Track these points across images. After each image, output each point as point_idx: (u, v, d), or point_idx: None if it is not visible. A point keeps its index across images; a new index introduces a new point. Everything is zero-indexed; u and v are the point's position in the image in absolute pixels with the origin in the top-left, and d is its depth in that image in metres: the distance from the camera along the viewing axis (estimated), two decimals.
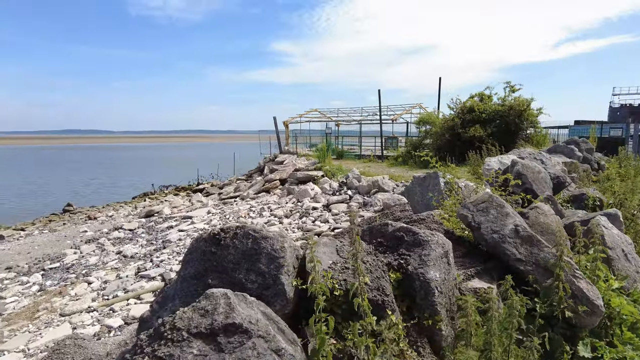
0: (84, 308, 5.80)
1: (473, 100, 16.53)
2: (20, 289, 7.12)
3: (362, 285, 1.52)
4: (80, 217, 16.81)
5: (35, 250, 10.67)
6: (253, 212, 11.25)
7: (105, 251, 9.26)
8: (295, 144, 26.56)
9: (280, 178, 16.22)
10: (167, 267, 6.91)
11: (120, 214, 15.96)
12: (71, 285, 6.88)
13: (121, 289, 6.29)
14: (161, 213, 13.77)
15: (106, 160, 69.09)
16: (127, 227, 11.94)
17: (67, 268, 8.27)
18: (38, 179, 39.52)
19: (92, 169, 49.65)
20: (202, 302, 1.38)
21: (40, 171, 48.69)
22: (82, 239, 11.55)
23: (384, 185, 10.34)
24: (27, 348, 4.80)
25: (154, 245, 8.85)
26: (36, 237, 12.92)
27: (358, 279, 1.52)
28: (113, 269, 7.56)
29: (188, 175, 30.78)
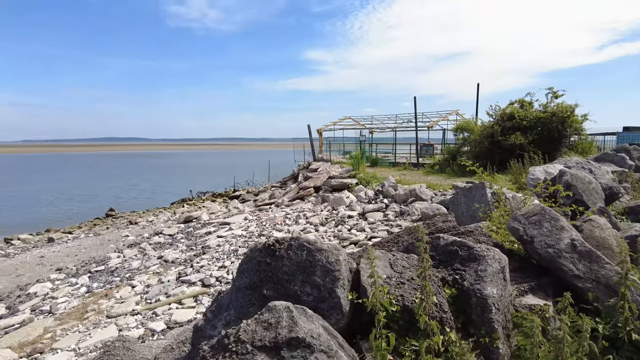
0: (129, 311, 5.99)
1: (513, 107, 16.07)
2: (70, 290, 7.45)
3: (431, 304, 1.48)
4: (122, 222, 17.47)
5: (82, 253, 11.16)
6: (289, 219, 11.32)
7: (146, 256, 9.56)
8: (329, 152, 26.64)
9: (314, 185, 16.28)
10: (207, 273, 7.05)
11: (160, 219, 16.47)
12: (116, 288, 7.14)
13: (163, 294, 6.46)
14: (199, 219, 14.09)
15: (145, 166, 71.66)
16: (167, 233, 12.29)
17: (111, 271, 8.59)
18: (82, 184, 41.47)
19: (132, 175, 51.60)
20: (265, 315, 1.38)
21: (84, 177, 51.10)
22: (125, 243, 11.98)
23: (422, 194, 10.16)
24: (77, 347, 5.00)
25: (193, 251, 9.06)
26: (82, 240, 13.52)
27: (427, 298, 1.49)
28: (155, 273, 7.79)
29: (224, 182, 31.46)
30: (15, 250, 13.02)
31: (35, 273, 9.45)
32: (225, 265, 7.45)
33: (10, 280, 8.98)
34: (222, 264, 7.56)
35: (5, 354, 4.87)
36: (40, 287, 7.93)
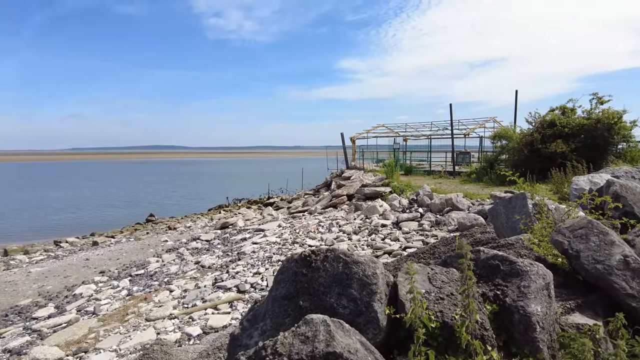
0: (167, 315, 6.15)
1: (554, 113, 15.47)
2: (112, 293, 7.75)
3: (474, 323, 1.44)
4: (161, 227, 18.05)
5: (123, 257, 11.60)
6: (322, 227, 11.33)
7: (184, 260, 9.82)
8: (362, 160, 26.52)
9: (347, 193, 16.24)
10: (242, 279, 7.15)
11: (198, 225, 16.89)
12: (155, 292, 7.36)
13: (199, 299, 6.60)
14: (235, 225, 14.35)
15: (184, 173, 73.87)
16: (204, 238, 12.59)
17: (150, 275, 8.87)
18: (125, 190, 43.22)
19: (172, 182, 53.30)
20: (302, 328, 1.38)
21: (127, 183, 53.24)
22: (163, 248, 12.36)
23: (458, 204, 9.92)
24: (118, 348, 5.18)
25: (229, 257, 9.23)
26: (124, 244, 14.05)
27: (470, 316, 1.44)
28: (192, 278, 7.98)
29: (259, 189, 31.96)
30: (64, 252, 13.71)
31: (80, 275, 9.90)
32: (260, 272, 7.53)
33: (59, 281, 9.45)
34: (257, 270, 7.65)
35: (53, 352, 5.11)
36: (85, 288, 8.30)
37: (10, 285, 9.39)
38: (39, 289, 8.88)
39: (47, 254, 13.60)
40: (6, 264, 12.33)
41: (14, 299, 8.27)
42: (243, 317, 2.07)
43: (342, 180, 19.82)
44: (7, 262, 12.59)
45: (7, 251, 14.28)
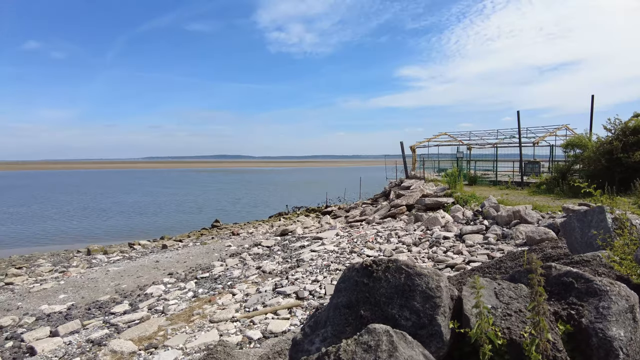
0: (229, 317, 6.39)
1: (639, 120, 14.15)
2: (179, 294, 8.20)
3: (545, 342, 1.37)
4: (225, 233, 18.83)
5: (190, 260, 12.23)
6: (380, 237, 11.21)
7: (246, 265, 10.16)
8: (422, 169, 25.92)
9: (406, 204, 15.94)
10: (301, 286, 7.26)
11: (259, 232, 17.41)
12: (219, 295, 7.69)
13: (260, 303, 6.80)
14: (294, 232, 14.62)
15: (248, 182, 76.60)
16: (265, 244, 12.95)
17: (215, 278, 9.28)
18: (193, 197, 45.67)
19: (236, 190, 55.45)
20: (365, 337, 1.40)
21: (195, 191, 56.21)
22: (227, 252, 12.87)
23: (527, 216, 9.37)
24: (185, 347, 5.47)
25: (288, 263, 9.42)
26: (190, 248, 14.82)
27: (540, 334, 1.38)
28: (253, 282, 8.24)
29: (317, 197, 32.34)
30: (137, 254, 14.74)
31: (151, 276, 10.58)
32: (318, 280, 7.60)
33: (133, 280, 10.18)
34: (315, 278, 7.73)
35: (128, 345, 5.51)
36: (155, 288, 8.87)
37: (92, 282, 10.27)
38: (116, 287, 9.61)
39: (122, 255, 14.71)
40: (89, 263, 13.50)
41: (95, 295, 9.03)
42: (305, 323, 2.12)
43: (401, 189, 19.50)
44: (90, 261, 13.78)
45: (89, 251, 15.64)
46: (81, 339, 6.20)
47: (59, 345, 5.97)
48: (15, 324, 7.27)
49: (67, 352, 5.72)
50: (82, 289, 9.70)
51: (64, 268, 12.81)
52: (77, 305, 8.28)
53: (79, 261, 13.93)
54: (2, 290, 10.32)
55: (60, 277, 11.43)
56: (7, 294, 9.92)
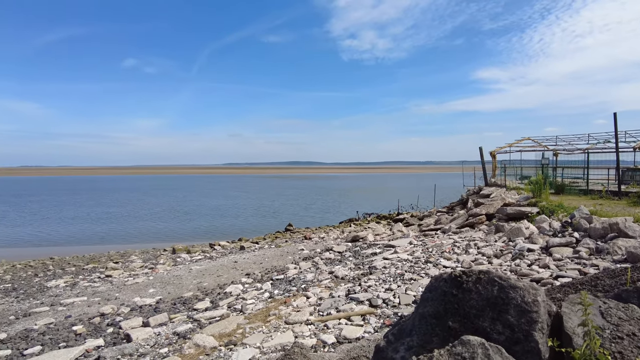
0: (304, 320, 6.51)
1: None
2: (256, 294, 8.53)
3: None
4: (298, 237, 19.26)
5: (266, 262, 12.67)
6: (457, 247, 10.75)
7: (319, 270, 10.30)
8: (503, 176, 24.46)
9: (486, 213, 15.14)
10: (374, 294, 7.19)
11: (330, 237, 17.58)
12: (293, 297, 7.87)
13: (334, 308, 6.84)
14: (365, 239, 14.55)
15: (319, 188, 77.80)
16: (336, 250, 13.03)
17: (289, 281, 9.51)
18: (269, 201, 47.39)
19: (308, 195, 56.58)
20: (458, 348, 1.35)
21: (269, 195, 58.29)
22: (300, 256, 13.15)
23: (627, 230, 8.43)
24: (262, 346, 5.66)
25: (360, 270, 9.38)
26: (266, 250, 15.36)
27: None
28: (326, 287, 8.32)
29: (388, 204, 31.89)
30: (217, 254, 15.60)
31: (230, 275, 11.13)
32: (392, 289, 7.47)
33: (213, 279, 10.78)
34: (389, 286, 7.61)
35: (210, 341, 5.84)
36: (234, 287, 9.30)
37: (177, 279, 11.05)
38: (198, 285, 10.24)
39: (204, 255, 15.65)
40: (174, 261, 14.55)
41: (179, 291, 9.70)
42: (388, 330, 2.10)
43: (480, 198, 18.56)
44: (175, 259, 14.85)
45: (175, 250, 16.86)
46: (168, 331, 6.68)
47: (150, 335, 6.50)
48: (114, 313, 8.05)
49: (157, 342, 6.19)
50: (168, 284, 10.46)
51: (152, 265, 13.95)
52: (164, 299, 8.95)
53: (165, 259, 15.08)
54: (103, 282, 11.49)
55: (149, 273, 12.46)
56: (107, 285, 11.03)
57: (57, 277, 12.82)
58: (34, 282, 12.10)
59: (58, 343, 6.47)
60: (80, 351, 5.90)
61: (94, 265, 14.56)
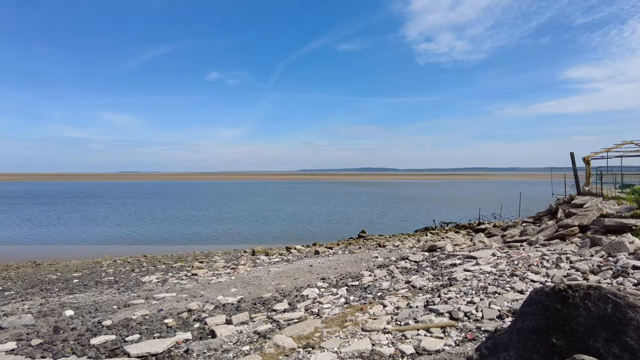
0: (381, 328, 6.42)
1: None
2: (332, 299, 8.59)
3: None
4: (371, 244, 19.11)
5: (340, 267, 12.73)
6: (546, 261, 9.94)
7: (394, 278, 10.11)
8: (598, 184, 22.21)
9: (579, 224, 13.84)
10: (455, 306, 6.88)
11: (405, 245, 17.20)
12: (369, 305, 7.80)
13: (412, 318, 6.66)
14: (443, 249, 14.02)
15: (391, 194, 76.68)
16: (412, 259, 12.71)
17: (364, 288, 9.46)
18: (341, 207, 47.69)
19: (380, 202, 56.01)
20: None
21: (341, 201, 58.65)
22: (374, 264, 13.03)
23: None
24: (339, 351, 5.68)
25: (439, 281, 9.04)
26: (340, 256, 15.44)
27: None
28: (403, 297, 8.14)
29: (468, 213, 30.47)
30: (293, 257, 16.01)
31: (306, 279, 11.35)
32: (474, 302, 7.10)
33: (290, 281, 11.07)
34: (471, 299, 7.24)
35: (289, 342, 5.99)
36: (310, 291, 9.47)
37: (256, 280, 11.51)
38: (276, 286, 10.58)
39: (281, 257, 16.14)
40: (254, 262, 15.18)
41: (259, 291, 10.09)
42: (481, 344, 2.00)
43: (571, 207, 17.03)
44: (254, 261, 15.49)
45: (254, 251, 17.60)
46: (249, 329, 6.97)
47: (232, 332, 6.83)
48: (199, 309, 8.59)
49: (239, 340, 6.49)
50: (249, 285, 10.94)
51: (234, 265, 14.69)
52: (245, 299, 9.37)
53: (245, 260, 15.80)
54: (189, 280, 12.34)
55: (231, 273, 13.13)
56: (193, 283, 11.82)
57: (150, 273, 14.02)
58: (131, 277, 13.35)
59: (153, 333, 7.05)
60: (172, 342, 6.36)
61: (182, 264, 15.70)
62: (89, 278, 13.38)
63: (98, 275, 13.94)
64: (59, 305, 9.67)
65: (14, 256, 20.37)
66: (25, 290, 11.65)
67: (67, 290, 11.57)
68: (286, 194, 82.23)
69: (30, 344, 6.73)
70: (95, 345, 6.54)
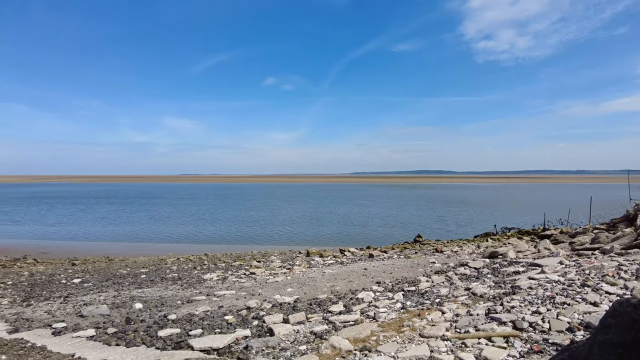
0: (439, 335, 6.25)
1: None
2: (388, 303, 8.49)
3: None
4: (427, 249, 18.64)
5: (395, 272, 12.54)
6: (624, 271, 9.15)
7: (453, 285, 9.80)
8: None
9: None
10: (519, 315, 6.54)
11: (464, 251, 16.60)
12: (427, 311, 7.62)
13: (472, 326, 6.42)
14: (505, 256, 13.37)
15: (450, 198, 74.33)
16: (472, 265, 12.24)
17: (421, 293, 9.25)
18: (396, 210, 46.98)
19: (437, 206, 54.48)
20: None
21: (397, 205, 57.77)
22: (432, 269, 12.70)
23: None
24: (396, 356, 5.60)
25: (502, 289, 8.63)
26: (395, 260, 15.21)
27: None
28: (463, 304, 7.86)
29: (532, 218, 28.85)
30: (347, 260, 16.00)
31: (360, 282, 11.30)
32: (540, 312, 6.71)
33: (345, 284, 11.08)
34: (536, 309, 6.84)
35: (345, 344, 6.01)
36: (365, 294, 9.41)
37: (311, 281, 11.64)
38: (331, 288, 10.63)
39: (335, 259, 16.20)
40: (308, 263, 15.36)
41: (314, 292, 10.20)
42: (555, 356, 1.89)
43: None
44: (309, 262, 15.67)
45: (309, 253, 17.81)
46: (306, 329, 7.07)
47: (290, 331, 6.96)
48: (258, 307, 8.85)
49: (296, 339, 6.60)
50: (304, 285, 11.09)
51: (290, 266, 14.95)
52: (301, 299, 9.50)
53: (300, 261, 16.03)
54: (247, 278, 12.74)
55: (287, 273, 13.38)
56: (251, 281, 12.19)
57: (210, 271, 14.65)
58: (194, 274, 14.02)
59: (214, 329, 7.36)
60: (232, 338, 6.61)
61: (240, 263, 16.25)
62: (155, 274, 14.23)
63: (163, 271, 14.78)
64: (129, 298, 10.37)
65: (91, 251, 22.20)
66: (101, 283, 12.63)
67: (136, 284, 12.38)
68: (339, 196, 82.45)
69: (107, 332, 7.29)
70: (162, 337, 6.95)
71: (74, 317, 8.52)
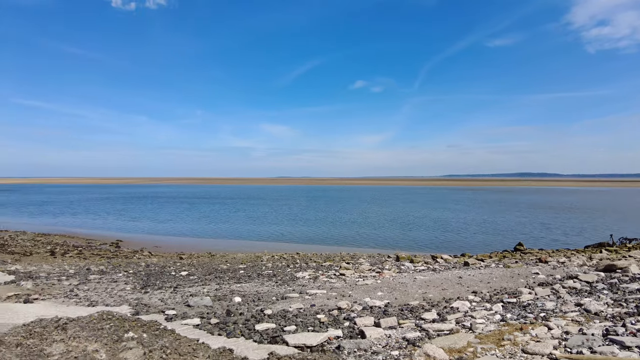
0: (546, 352, 5.72)
1: None
2: (485, 314, 8.00)
3: None
4: (530, 258, 17.18)
5: (494, 282, 11.75)
6: None
7: (561, 299, 8.91)
8: None
9: None
10: None
11: (573, 263, 15.00)
12: (531, 325, 7.02)
13: (586, 347, 5.76)
14: (626, 270, 11.78)
15: (555, 204, 67.67)
16: (583, 279, 11.00)
17: (523, 306, 8.55)
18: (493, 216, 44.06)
19: (541, 213, 49.95)
20: None
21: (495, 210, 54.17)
22: (535, 280, 11.67)
23: None
24: None
25: (623, 308, 7.62)
26: (493, 269, 14.26)
27: None
28: (574, 321, 7.10)
29: None
30: (440, 267, 15.41)
31: (455, 290, 10.79)
32: None
33: (438, 291, 10.67)
34: None
35: (440, 353, 5.78)
36: (460, 303, 8.96)
37: (402, 286, 11.41)
38: (423, 295, 10.31)
39: (426, 266, 15.69)
40: (398, 268, 15.10)
41: (405, 298, 9.98)
42: None
43: None
44: (399, 267, 15.39)
45: (398, 257, 17.49)
46: (398, 335, 6.95)
47: (381, 335, 6.90)
48: (348, 309, 8.92)
49: (388, 344, 6.53)
50: (395, 290, 10.91)
51: (379, 269, 14.83)
52: (391, 304, 9.36)
53: (390, 265, 15.82)
54: (337, 279, 12.92)
55: (376, 276, 13.28)
56: (341, 282, 12.34)
57: (302, 269, 15.12)
58: (287, 272, 14.60)
59: (307, 326, 7.58)
60: (325, 337, 6.75)
61: (330, 263, 16.53)
62: (252, 270, 15.10)
63: (259, 268, 15.63)
64: (229, 292, 11.14)
65: (195, 246, 24.32)
66: (204, 277, 13.75)
67: (235, 279, 13.26)
68: (430, 199, 79.70)
69: (210, 322, 7.91)
70: (259, 331, 7.34)
71: (182, 306, 9.40)
